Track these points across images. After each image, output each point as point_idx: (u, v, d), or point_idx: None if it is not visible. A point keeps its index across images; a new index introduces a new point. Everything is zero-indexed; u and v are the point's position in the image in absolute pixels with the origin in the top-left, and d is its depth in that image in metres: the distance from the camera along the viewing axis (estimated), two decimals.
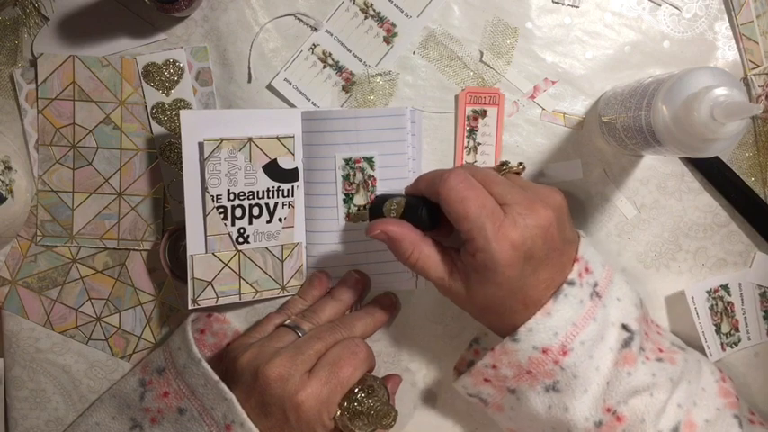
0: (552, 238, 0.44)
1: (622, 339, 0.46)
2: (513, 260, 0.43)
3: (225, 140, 0.51)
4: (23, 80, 0.55)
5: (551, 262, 0.45)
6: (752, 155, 0.55)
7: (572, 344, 0.44)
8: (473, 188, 0.44)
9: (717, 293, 0.55)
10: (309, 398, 0.45)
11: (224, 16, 0.54)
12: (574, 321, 0.45)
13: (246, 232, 0.53)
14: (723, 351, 0.55)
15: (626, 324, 0.47)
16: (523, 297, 0.45)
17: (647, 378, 0.46)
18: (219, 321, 0.55)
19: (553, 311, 0.45)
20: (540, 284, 0.45)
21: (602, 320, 0.46)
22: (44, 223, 0.56)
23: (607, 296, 0.47)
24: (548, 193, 0.47)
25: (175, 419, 0.48)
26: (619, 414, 0.45)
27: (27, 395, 0.57)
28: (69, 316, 0.57)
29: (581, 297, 0.45)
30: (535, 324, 0.44)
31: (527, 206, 0.44)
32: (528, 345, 0.45)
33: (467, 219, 0.43)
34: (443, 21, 0.55)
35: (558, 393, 0.45)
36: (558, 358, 0.44)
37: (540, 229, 0.43)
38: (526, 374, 0.46)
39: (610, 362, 0.45)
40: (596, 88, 0.55)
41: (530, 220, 0.43)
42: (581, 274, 0.46)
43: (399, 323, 0.57)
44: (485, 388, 0.48)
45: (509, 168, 0.50)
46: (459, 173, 0.45)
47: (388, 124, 0.52)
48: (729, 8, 0.54)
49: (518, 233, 0.43)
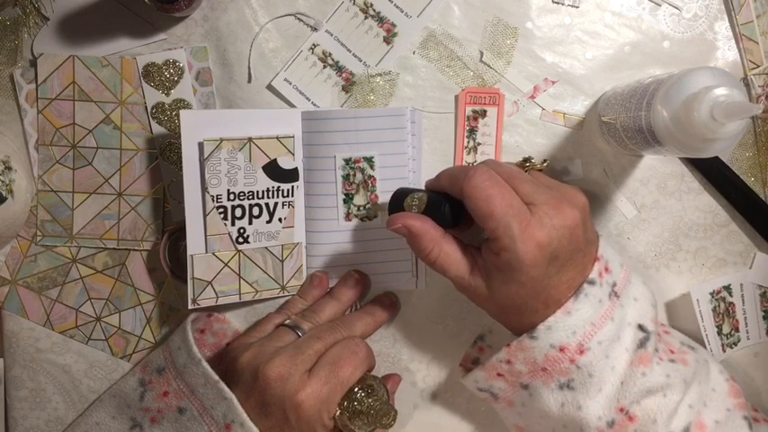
0: (577, 239, 0.44)
1: (638, 340, 0.46)
2: (539, 260, 0.42)
3: (225, 140, 0.51)
4: (23, 80, 0.55)
5: (575, 263, 0.45)
6: (752, 155, 0.55)
7: (589, 343, 0.44)
8: (498, 185, 0.43)
9: (719, 294, 0.55)
10: (309, 397, 0.45)
11: (224, 16, 0.54)
12: (592, 321, 0.44)
13: (246, 232, 0.53)
14: (723, 352, 0.55)
15: (642, 324, 0.47)
16: (545, 297, 0.44)
17: (662, 379, 0.46)
18: (219, 321, 0.55)
19: (573, 310, 0.44)
20: (562, 285, 0.44)
21: (619, 320, 0.46)
22: (44, 223, 0.56)
23: (625, 296, 0.47)
24: (572, 192, 0.46)
25: (175, 419, 0.48)
26: (631, 414, 0.45)
27: (27, 395, 0.57)
28: (69, 316, 0.57)
29: (600, 297, 0.45)
30: (555, 322, 0.44)
31: (554, 206, 0.43)
32: (545, 343, 0.45)
33: (492, 217, 0.42)
34: (443, 21, 0.55)
35: (572, 391, 0.45)
36: (574, 357, 0.44)
37: (567, 230, 0.43)
38: (541, 371, 0.45)
39: (625, 362, 0.45)
40: (596, 88, 0.55)
41: (557, 220, 0.43)
42: (601, 273, 0.46)
43: (399, 323, 0.57)
44: (497, 382, 0.48)
45: (532, 165, 0.50)
46: (484, 170, 0.44)
47: (388, 124, 0.52)
48: (729, 8, 0.54)
49: (545, 233, 0.42)
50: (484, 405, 0.57)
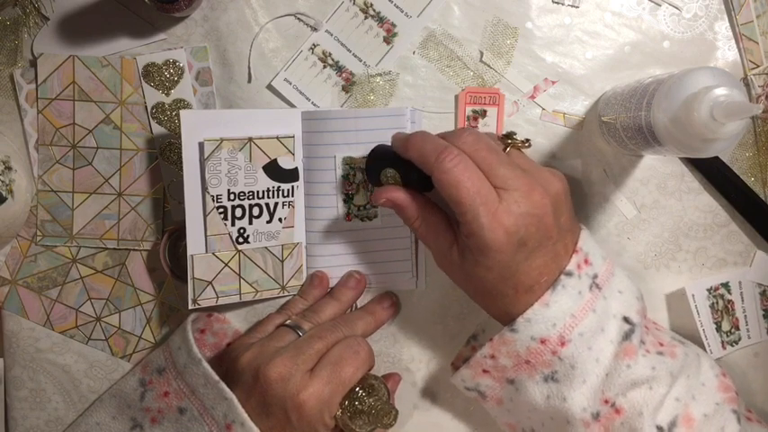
0: (546, 227, 0.44)
1: (623, 332, 0.46)
2: (505, 247, 0.43)
3: (225, 140, 0.51)
4: (23, 80, 0.55)
5: (545, 249, 0.45)
6: (752, 155, 0.55)
7: (570, 335, 0.45)
8: (468, 170, 0.43)
9: (717, 291, 0.55)
10: (311, 398, 0.45)
11: (224, 16, 0.54)
12: (572, 313, 0.45)
13: (246, 232, 0.53)
14: (723, 349, 0.55)
15: (627, 316, 0.47)
16: (515, 283, 0.45)
17: (647, 371, 0.46)
18: (220, 321, 0.55)
19: (551, 302, 0.45)
20: (532, 271, 0.45)
21: (602, 312, 0.46)
22: (44, 223, 0.56)
23: (608, 288, 0.47)
24: (548, 178, 0.46)
25: (176, 419, 0.48)
26: (617, 406, 0.45)
27: (27, 395, 0.57)
28: (69, 316, 0.57)
29: (579, 288, 0.45)
30: (533, 315, 0.45)
31: (525, 193, 0.44)
32: (526, 335, 0.45)
33: (460, 204, 0.43)
34: (443, 21, 0.55)
35: (556, 383, 0.45)
36: (556, 349, 0.45)
37: (535, 218, 0.44)
38: (525, 364, 0.46)
39: (610, 354, 0.45)
40: (596, 88, 0.55)
41: (525, 207, 0.43)
42: (579, 265, 0.46)
43: (399, 323, 0.57)
44: (483, 380, 0.48)
45: (513, 142, 0.48)
46: (454, 154, 0.44)
47: (387, 124, 0.52)
48: (729, 8, 0.54)
49: (512, 220, 0.43)
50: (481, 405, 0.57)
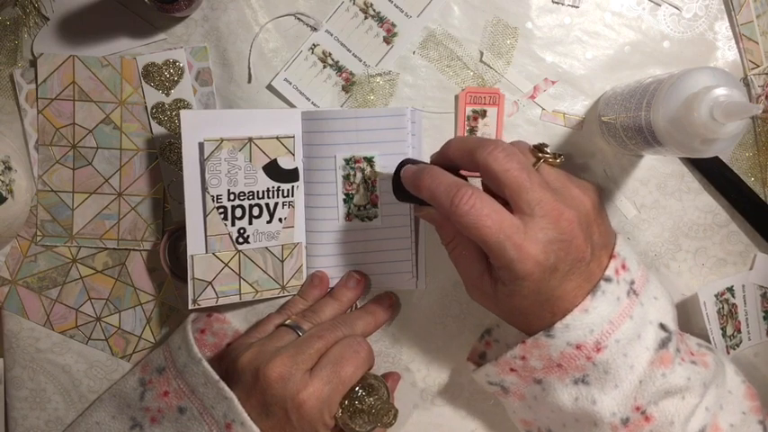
0: (578, 249, 0.43)
1: (660, 339, 0.46)
2: (537, 275, 0.42)
3: (225, 140, 0.51)
4: (23, 80, 0.55)
5: (578, 272, 0.44)
6: (752, 155, 0.55)
7: (607, 341, 0.44)
8: (485, 207, 0.42)
9: (723, 296, 0.55)
10: (311, 397, 0.45)
11: (224, 16, 0.54)
12: (610, 319, 0.44)
13: (246, 232, 0.53)
14: (727, 354, 0.55)
15: (663, 323, 0.46)
16: (551, 307, 0.44)
17: (682, 381, 0.45)
18: (220, 321, 0.55)
19: (590, 308, 0.44)
20: (567, 294, 0.44)
21: (639, 318, 0.45)
22: (44, 223, 0.56)
23: (644, 294, 0.47)
24: (578, 197, 0.45)
25: (176, 419, 0.48)
26: (648, 414, 0.45)
27: (27, 395, 0.57)
28: (69, 316, 0.57)
29: (618, 294, 0.45)
30: (572, 321, 0.44)
31: (552, 219, 0.42)
32: (562, 341, 0.44)
33: (485, 243, 0.42)
34: (443, 21, 0.55)
35: (587, 386, 0.45)
36: (591, 355, 0.44)
37: (564, 243, 0.42)
38: (556, 368, 0.45)
39: (645, 361, 0.45)
40: (596, 88, 0.55)
41: (552, 233, 0.42)
42: (618, 270, 0.46)
43: (399, 323, 0.57)
44: (509, 377, 0.48)
45: (545, 157, 0.46)
46: (468, 195, 0.42)
47: (388, 124, 0.52)
48: (729, 8, 0.54)
49: (540, 248, 0.41)
50: (484, 405, 0.57)
